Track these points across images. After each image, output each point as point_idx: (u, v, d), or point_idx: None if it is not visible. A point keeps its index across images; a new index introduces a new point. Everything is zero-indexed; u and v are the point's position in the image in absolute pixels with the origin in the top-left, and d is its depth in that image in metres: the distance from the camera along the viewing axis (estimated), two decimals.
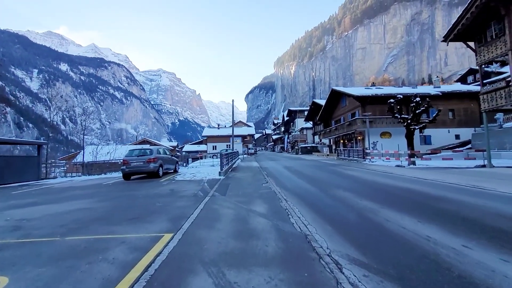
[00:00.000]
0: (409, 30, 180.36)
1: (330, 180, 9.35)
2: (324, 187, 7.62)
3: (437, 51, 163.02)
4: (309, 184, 8.42)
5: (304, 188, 7.69)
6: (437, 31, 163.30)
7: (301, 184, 8.43)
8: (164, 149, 12.79)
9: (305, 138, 52.43)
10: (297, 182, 8.95)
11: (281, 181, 9.23)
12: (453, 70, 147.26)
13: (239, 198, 6.28)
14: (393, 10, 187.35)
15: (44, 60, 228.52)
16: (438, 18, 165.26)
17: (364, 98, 23.19)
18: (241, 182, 9.17)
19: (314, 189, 7.43)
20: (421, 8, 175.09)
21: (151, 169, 10.86)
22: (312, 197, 6.33)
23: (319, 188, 7.47)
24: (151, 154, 11.11)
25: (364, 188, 7.42)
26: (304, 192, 7.03)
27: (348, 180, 9.23)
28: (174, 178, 10.98)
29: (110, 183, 10.74)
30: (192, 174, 12.27)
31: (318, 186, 7.92)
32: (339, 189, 7.25)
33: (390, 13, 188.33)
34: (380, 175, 10.20)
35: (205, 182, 9.34)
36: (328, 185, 7.98)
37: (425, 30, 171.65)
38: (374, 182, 8.47)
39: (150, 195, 7.11)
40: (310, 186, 7.90)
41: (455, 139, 25.48)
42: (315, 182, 8.72)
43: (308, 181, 9.17)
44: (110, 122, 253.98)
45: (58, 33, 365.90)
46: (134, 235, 3.63)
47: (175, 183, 9.60)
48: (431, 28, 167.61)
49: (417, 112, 13.79)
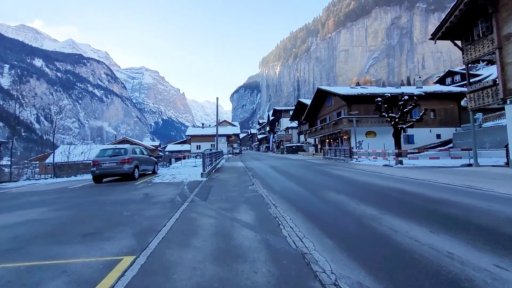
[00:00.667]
0: (389, 34, 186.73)
1: (320, 181, 8.82)
2: (315, 189, 7.05)
3: (415, 54, 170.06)
4: (299, 186, 7.82)
5: (293, 190, 7.07)
6: (415, 35, 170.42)
7: (290, 186, 7.82)
8: (141, 149, 11.73)
9: (291, 138, 52.30)
10: (285, 184, 8.34)
11: (268, 183, 8.58)
12: (430, 73, 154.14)
13: (222, 203, 5.54)
14: (374, 14, 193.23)
15: (17, 55, 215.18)
16: (416, 23, 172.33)
17: (350, 97, 23.11)
18: (225, 185, 8.42)
19: (304, 191, 6.84)
20: (401, 13, 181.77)
21: (125, 170, 9.82)
22: (303, 201, 5.71)
23: (309, 191, 6.88)
24: (125, 154, 10.06)
25: (357, 190, 6.92)
26: (294, 195, 6.41)
27: (338, 181, 8.75)
28: (151, 181, 10.02)
29: (77, 186, 9.60)
30: (172, 176, 11.34)
31: (309, 188, 7.35)
32: (331, 191, 6.70)
33: (371, 17, 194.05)
34: (370, 175, 9.82)
35: (185, 185, 8.50)
36: (319, 187, 7.43)
37: (404, 34, 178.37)
38: (366, 183, 8.02)
39: (120, 201, 6.20)
40: (300, 189, 7.30)
41: (436, 139, 26.06)
42: (304, 184, 8.15)
43: (297, 182, 8.59)
44: (89, 121, 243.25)
45: (32, 27, 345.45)
46: (83, 259, 2.80)
47: (151, 186, 8.67)
48: (410, 33, 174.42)
49: (405, 110, 13.68)
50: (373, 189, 6.96)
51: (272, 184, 8.40)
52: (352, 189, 6.96)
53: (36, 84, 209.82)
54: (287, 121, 56.11)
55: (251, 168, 14.80)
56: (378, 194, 6.27)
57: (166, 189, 7.89)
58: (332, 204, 5.30)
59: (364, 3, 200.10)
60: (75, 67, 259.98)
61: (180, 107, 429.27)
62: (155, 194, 6.99)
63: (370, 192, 6.56)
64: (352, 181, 8.58)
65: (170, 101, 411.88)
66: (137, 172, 10.45)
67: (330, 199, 5.79)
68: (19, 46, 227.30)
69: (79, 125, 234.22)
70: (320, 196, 6.17)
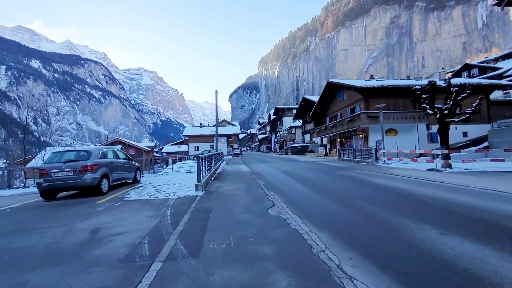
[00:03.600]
0: (389, 33, 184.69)
1: (367, 196, 5.91)
2: (372, 212, 4.14)
3: (414, 53, 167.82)
4: (343, 206, 4.89)
5: (343, 218, 4.13)
6: (414, 34, 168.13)
7: (330, 207, 4.90)
8: (115, 152, 8.72)
9: (294, 137, 49.42)
10: (321, 203, 5.42)
11: (295, 200, 5.68)
12: (430, 72, 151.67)
13: (232, 266, 2.62)
14: (373, 13, 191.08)
15: (13, 56, 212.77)
16: (416, 22, 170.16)
17: (368, 90, 20.19)
18: (231, 207, 5.48)
19: (362, 219, 3.92)
20: (400, 12, 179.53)
21: (86, 182, 6.85)
22: (376, 243, 2.80)
23: (365, 215, 3.96)
24: (88, 159, 7.08)
25: (444, 216, 3.98)
26: (353, 229, 3.51)
27: (397, 197, 5.82)
28: (124, 197, 7.02)
29: (13, 206, 6.63)
30: (157, 188, 8.37)
31: (358, 208, 4.41)
32: (409, 219, 3.79)
33: (370, 16, 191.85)
34: (425, 185, 6.93)
35: (170, 207, 5.55)
36: (380, 209, 4.49)
37: (404, 33, 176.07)
38: (441, 200, 5.10)
39: (31, 253, 3.27)
40: (353, 214, 4.35)
41: (462, 137, 23.22)
42: (348, 202, 5.22)
43: (335, 199, 5.68)
44: (87, 122, 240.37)
45: (30, 28, 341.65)
46: None
47: (118, 208, 5.72)
48: (409, 32, 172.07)
49: (458, 99, 10.81)
50: (459, 211, 4.04)
51: (301, 203, 5.50)
52: (435, 215, 4.04)
53: (33, 85, 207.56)
54: (290, 120, 53.32)
55: (259, 174, 11.87)
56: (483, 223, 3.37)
57: (136, 215, 4.94)
58: (448, 263, 2.38)
59: (362, 2, 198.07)
60: (72, 68, 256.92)
61: (178, 108, 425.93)
62: (111, 231, 4.03)
63: (462, 217, 3.66)
64: (417, 197, 5.66)
65: (169, 102, 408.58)
66: (105, 183, 7.46)
67: (432, 241, 2.87)
68: (16, 47, 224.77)
69: (77, 126, 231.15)
70: (403, 233, 3.24)
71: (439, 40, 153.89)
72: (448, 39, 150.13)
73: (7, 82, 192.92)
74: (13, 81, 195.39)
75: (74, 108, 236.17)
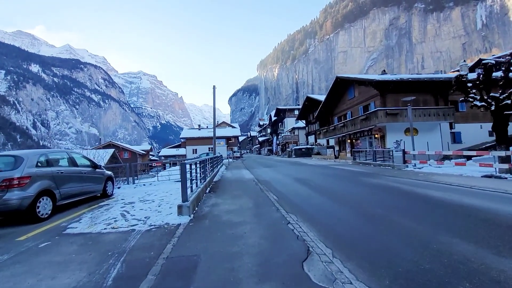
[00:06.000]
0: (388, 35, 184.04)
1: (447, 221, 3.53)
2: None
3: (414, 55, 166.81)
4: (439, 254, 2.51)
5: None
6: (414, 35, 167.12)
7: (418, 256, 2.52)
8: (69, 157, 6.28)
9: (297, 139, 47.07)
10: (384, 241, 3.04)
11: (342, 235, 3.29)
12: (429, 73, 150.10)
13: None
14: (372, 15, 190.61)
15: (13, 61, 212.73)
16: (415, 23, 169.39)
17: (385, 84, 17.85)
18: (233, 257, 3.06)
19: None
20: (399, 14, 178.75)
21: (9, 205, 4.40)
22: None
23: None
24: (16, 168, 4.66)
25: None
26: None
27: (482, 222, 3.43)
28: (66, 227, 4.54)
29: None
30: (126, 208, 5.87)
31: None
32: None
33: (369, 18, 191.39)
34: (499, 200, 4.53)
35: (122, 258, 3.15)
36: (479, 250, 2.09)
37: (403, 34, 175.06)
38: None
39: None
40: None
41: (488, 136, 20.87)
42: (426, 233, 2.84)
43: (407, 231, 3.30)
44: (86, 126, 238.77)
45: (30, 33, 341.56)
46: None
47: (36, 255, 3.32)
48: (408, 33, 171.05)
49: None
50: None
51: (354, 239, 3.11)
52: None
53: (33, 89, 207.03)
54: (292, 121, 51.08)
55: (267, 183, 9.45)
56: None
57: (50, 282, 2.56)
58: None
59: (361, 4, 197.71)
60: (72, 72, 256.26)
61: (178, 111, 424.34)
62: None
63: None
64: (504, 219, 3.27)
65: (168, 105, 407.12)
66: (46, 204, 4.97)
67: None
68: (15, 52, 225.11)
69: (76, 130, 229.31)
70: None
71: (439, 41, 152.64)
72: (448, 40, 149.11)
73: (6, 86, 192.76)
74: (12, 85, 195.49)
75: (73, 112, 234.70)
